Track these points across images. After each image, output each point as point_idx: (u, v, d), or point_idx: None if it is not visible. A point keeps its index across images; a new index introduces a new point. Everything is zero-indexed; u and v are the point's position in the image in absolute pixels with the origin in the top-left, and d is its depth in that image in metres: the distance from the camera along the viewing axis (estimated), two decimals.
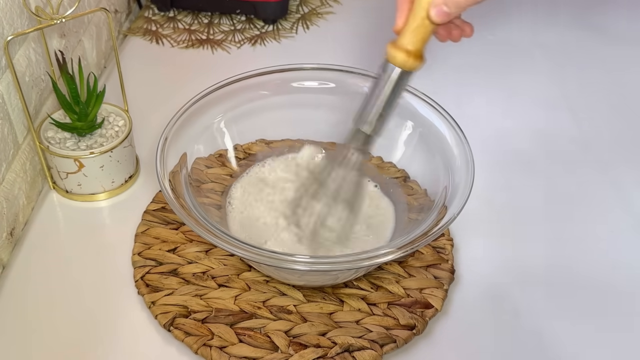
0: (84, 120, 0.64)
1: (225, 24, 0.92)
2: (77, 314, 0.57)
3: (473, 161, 0.56)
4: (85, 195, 0.66)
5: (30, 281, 0.59)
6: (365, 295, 0.58)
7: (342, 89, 0.64)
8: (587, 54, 0.88)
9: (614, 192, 0.69)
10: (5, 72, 0.59)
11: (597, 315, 0.58)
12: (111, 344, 0.55)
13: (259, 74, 0.64)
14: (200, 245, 0.61)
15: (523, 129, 0.76)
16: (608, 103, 0.80)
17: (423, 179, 0.62)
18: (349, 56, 0.82)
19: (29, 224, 0.64)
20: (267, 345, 0.54)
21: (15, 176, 0.61)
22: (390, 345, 0.54)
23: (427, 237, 0.51)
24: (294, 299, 0.57)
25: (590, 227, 0.65)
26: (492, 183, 0.68)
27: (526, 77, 0.84)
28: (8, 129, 0.60)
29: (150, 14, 0.93)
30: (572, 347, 0.56)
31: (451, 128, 0.59)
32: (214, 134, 0.63)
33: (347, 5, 0.96)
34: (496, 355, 0.55)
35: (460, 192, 0.54)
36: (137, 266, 0.60)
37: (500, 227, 0.65)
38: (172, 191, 0.54)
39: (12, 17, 0.59)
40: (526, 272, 0.61)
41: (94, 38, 0.79)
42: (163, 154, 0.56)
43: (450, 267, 0.60)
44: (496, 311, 0.58)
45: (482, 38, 0.91)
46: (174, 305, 0.56)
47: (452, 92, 0.80)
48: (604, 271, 0.61)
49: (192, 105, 0.60)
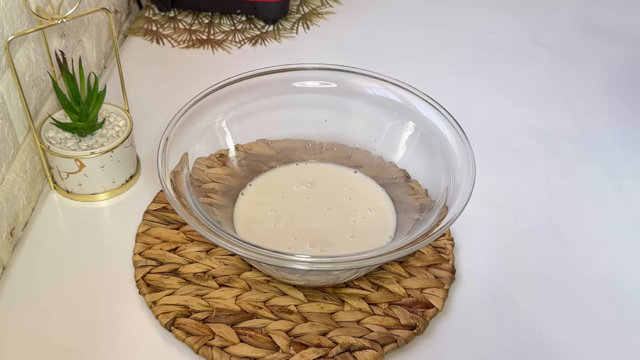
0: (85, 120, 0.64)
1: (225, 24, 0.92)
2: (77, 314, 0.57)
3: (474, 161, 0.56)
4: (86, 195, 0.66)
5: (30, 281, 0.59)
6: (366, 295, 0.58)
7: (343, 89, 0.64)
8: (587, 54, 0.88)
9: (614, 192, 0.69)
10: (5, 72, 0.59)
11: (598, 315, 0.58)
12: (112, 344, 0.55)
13: (259, 74, 0.64)
14: (201, 245, 0.61)
15: (523, 129, 0.76)
16: (608, 103, 0.80)
17: (424, 179, 0.62)
18: (349, 56, 0.82)
19: (29, 224, 0.64)
20: (268, 345, 0.54)
21: (15, 176, 0.61)
22: (391, 345, 0.54)
23: (428, 237, 0.51)
24: (294, 299, 0.57)
25: (590, 227, 0.66)
26: (493, 183, 0.68)
27: (526, 77, 0.84)
28: (8, 129, 0.60)
29: (150, 14, 0.93)
30: (572, 347, 0.56)
31: (452, 128, 0.59)
32: (215, 133, 0.63)
33: (347, 5, 0.96)
34: (497, 355, 0.55)
35: (461, 192, 0.54)
36: (138, 266, 0.60)
37: (501, 227, 0.65)
38: (173, 191, 0.54)
39: (12, 17, 0.59)
40: (527, 272, 0.61)
41: (94, 38, 0.79)
42: (164, 153, 0.56)
43: (451, 267, 0.60)
44: (497, 311, 0.58)
45: (482, 38, 0.91)
46: (175, 305, 0.56)
47: (453, 92, 0.80)
48: (605, 271, 0.62)
49: (193, 105, 0.60)
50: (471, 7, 0.97)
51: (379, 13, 0.96)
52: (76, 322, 0.56)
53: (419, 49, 0.89)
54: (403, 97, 0.62)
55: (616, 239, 0.64)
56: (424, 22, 0.94)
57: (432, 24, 0.93)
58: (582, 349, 0.56)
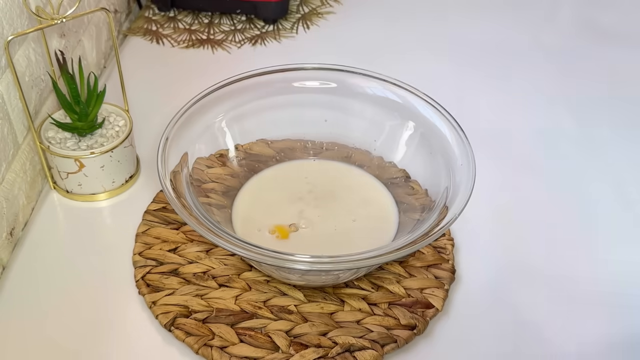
0: (85, 120, 0.64)
1: (225, 24, 0.92)
2: (77, 314, 0.57)
3: (474, 161, 0.56)
4: (86, 195, 0.66)
5: (30, 281, 0.59)
6: (366, 295, 0.58)
7: (343, 89, 0.64)
8: (587, 54, 0.88)
9: (615, 192, 0.69)
10: (5, 72, 0.59)
11: (598, 315, 0.58)
12: (112, 344, 0.55)
13: (259, 73, 0.63)
14: (201, 245, 0.61)
15: (524, 129, 0.76)
16: (608, 102, 0.80)
17: (424, 179, 0.61)
18: (349, 56, 0.82)
19: (29, 224, 0.64)
20: (268, 345, 0.54)
21: (15, 176, 0.61)
22: (391, 345, 0.54)
23: (428, 238, 0.51)
24: (294, 299, 0.57)
25: (590, 227, 0.65)
26: (493, 183, 0.68)
27: (526, 77, 0.84)
28: (8, 129, 0.60)
29: (150, 14, 0.93)
30: (572, 347, 0.56)
31: (452, 128, 0.59)
32: (215, 133, 0.63)
33: (347, 5, 0.96)
34: (497, 355, 0.55)
35: (461, 192, 0.54)
36: (137, 266, 0.59)
37: (501, 227, 0.65)
38: (173, 191, 0.54)
39: (12, 17, 0.59)
40: (527, 272, 0.61)
41: (94, 38, 0.79)
42: (164, 153, 0.56)
43: (451, 267, 0.60)
44: (497, 311, 0.58)
45: (482, 37, 0.91)
46: (175, 305, 0.56)
47: (453, 92, 0.80)
48: (605, 271, 0.61)
49: (192, 105, 0.60)
50: (472, 7, 0.97)
51: (379, 13, 0.95)
52: (76, 322, 0.56)
53: (418, 48, 0.89)
54: (403, 97, 0.62)
55: (616, 239, 0.64)
56: (424, 21, 0.94)
57: (432, 24, 0.93)
58: (581, 349, 0.56)
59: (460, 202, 0.53)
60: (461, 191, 0.54)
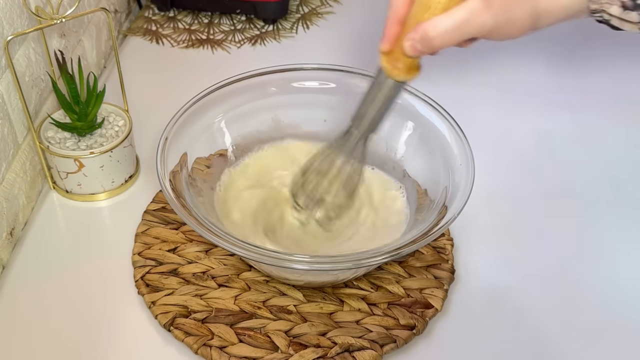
0: (84, 120, 0.64)
1: (225, 24, 0.92)
2: (77, 314, 0.57)
3: (473, 161, 0.56)
4: (85, 195, 0.66)
5: (30, 281, 0.59)
6: (366, 295, 0.58)
7: (342, 89, 0.64)
8: (588, 53, 0.88)
9: (615, 192, 0.69)
10: (5, 72, 0.59)
11: (597, 315, 0.58)
12: (111, 344, 0.55)
13: (259, 74, 0.64)
14: (200, 245, 0.61)
15: (523, 129, 0.76)
16: (608, 102, 0.80)
17: (423, 179, 0.61)
18: (349, 56, 0.83)
19: (29, 224, 0.64)
20: (267, 345, 0.54)
21: (15, 176, 0.61)
22: (391, 345, 0.54)
23: (427, 237, 0.51)
24: (294, 299, 0.57)
25: (590, 227, 0.65)
26: (492, 183, 0.68)
27: (526, 77, 0.84)
28: (8, 129, 0.60)
29: (150, 14, 0.93)
30: (572, 347, 0.56)
31: (451, 128, 0.59)
32: (215, 133, 0.63)
33: (347, 5, 0.96)
34: (496, 355, 0.55)
35: (460, 192, 0.54)
36: (137, 266, 0.59)
37: (501, 227, 0.65)
38: (172, 191, 0.54)
39: (12, 17, 0.59)
40: (526, 272, 0.61)
41: (93, 38, 0.79)
42: (164, 153, 0.56)
43: (451, 267, 0.60)
44: (496, 311, 0.58)
45: None
46: (174, 305, 0.56)
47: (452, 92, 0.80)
48: (605, 271, 0.61)
49: (192, 105, 0.60)
50: None
51: (379, 13, 0.95)
52: (75, 321, 0.56)
53: None
54: (402, 97, 0.62)
55: (617, 239, 0.64)
56: None
57: None
58: (581, 348, 0.56)
59: (460, 202, 0.53)
60: (460, 191, 0.54)
